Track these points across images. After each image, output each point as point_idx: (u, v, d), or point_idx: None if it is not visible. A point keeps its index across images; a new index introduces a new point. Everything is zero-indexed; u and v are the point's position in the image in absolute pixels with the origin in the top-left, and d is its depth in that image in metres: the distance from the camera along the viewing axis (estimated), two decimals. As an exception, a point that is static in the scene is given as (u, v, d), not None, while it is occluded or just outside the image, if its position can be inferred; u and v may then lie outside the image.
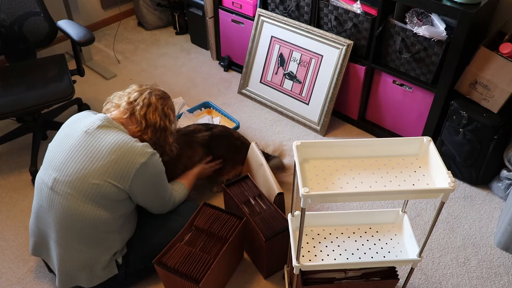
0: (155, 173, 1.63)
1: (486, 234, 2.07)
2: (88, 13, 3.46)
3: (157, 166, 1.63)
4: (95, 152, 1.53)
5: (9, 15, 2.32)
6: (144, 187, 1.61)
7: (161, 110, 1.72)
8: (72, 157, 1.54)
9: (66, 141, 1.59)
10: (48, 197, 1.57)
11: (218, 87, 3.02)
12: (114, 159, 1.52)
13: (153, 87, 1.79)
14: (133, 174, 1.54)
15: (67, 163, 1.54)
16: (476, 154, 2.15)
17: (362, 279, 1.59)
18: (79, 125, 1.61)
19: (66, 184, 1.53)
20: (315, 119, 2.62)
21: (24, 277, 1.88)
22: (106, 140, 1.55)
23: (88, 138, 1.56)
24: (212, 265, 1.59)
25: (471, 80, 2.08)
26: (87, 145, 1.55)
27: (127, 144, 1.55)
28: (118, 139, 1.55)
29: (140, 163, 1.55)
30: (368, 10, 2.30)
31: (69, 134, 1.60)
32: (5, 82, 2.26)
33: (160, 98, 1.75)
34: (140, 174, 1.56)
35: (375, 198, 1.39)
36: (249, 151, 2.16)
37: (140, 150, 1.56)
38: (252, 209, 1.82)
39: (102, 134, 1.56)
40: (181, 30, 3.57)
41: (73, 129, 1.61)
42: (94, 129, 1.57)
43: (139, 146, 1.57)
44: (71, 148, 1.56)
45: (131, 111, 1.68)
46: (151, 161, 1.58)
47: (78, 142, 1.56)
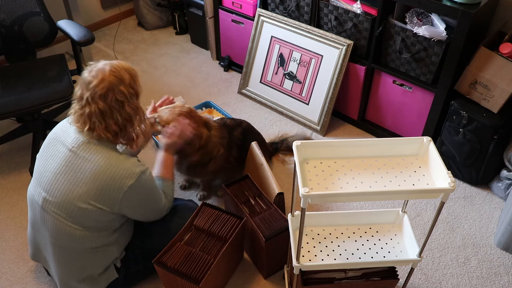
0: (145, 192, 1.55)
1: (486, 234, 2.07)
2: (88, 13, 3.46)
3: (146, 185, 1.54)
4: (81, 175, 1.46)
5: (9, 15, 2.32)
6: (134, 207, 1.56)
7: (115, 105, 1.45)
8: (59, 178, 1.48)
9: (54, 157, 1.52)
10: (40, 215, 1.56)
11: (218, 87, 3.02)
12: (100, 183, 1.45)
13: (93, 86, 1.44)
14: (121, 197, 1.48)
15: (54, 183, 1.49)
16: (476, 154, 2.15)
17: (362, 279, 1.59)
18: (64, 139, 1.51)
19: (55, 205, 1.50)
20: (315, 119, 2.62)
21: (24, 277, 1.88)
22: (91, 162, 1.46)
23: (73, 157, 1.47)
24: (212, 265, 1.59)
25: (471, 80, 2.08)
26: (73, 166, 1.47)
27: (112, 166, 1.46)
28: (103, 160, 1.46)
29: (127, 186, 1.47)
30: (368, 10, 2.30)
31: (55, 150, 1.52)
32: (5, 82, 2.26)
33: (104, 98, 1.43)
34: (129, 197, 1.50)
35: (375, 198, 1.39)
36: (249, 151, 2.16)
37: (127, 172, 1.47)
38: (252, 209, 1.82)
39: (87, 154, 1.47)
40: (181, 30, 3.57)
41: (58, 144, 1.53)
42: (78, 147, 1.47)
43: (126, 166, 1.48)
44: (57, 167, 1.49)
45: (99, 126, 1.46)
46: (139, 182, 1.50)
47: (64, 161, 1.48)
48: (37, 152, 2.30)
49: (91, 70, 1.48)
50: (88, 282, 1.62)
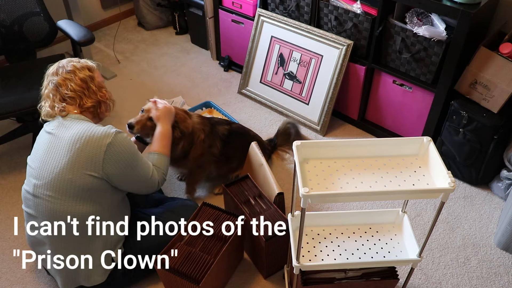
0: (125, 151, 1.58)
1: (486, 234, 2.07)
2: (88, 13, 3.46)
3: (125, 144, 1.58)
4: (61, 148, 1.54)
5: (9, 15, 2.32)
6: (118, 169, 1.57)
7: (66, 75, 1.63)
8: (44, 161, 1.56)
9: (38, 149, 1.61)
10: (33, 204, 1.58)
11: (218, 87, 3.01)
12: (79, 147, 1.52)
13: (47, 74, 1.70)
14: (102, 157, 1.52)
15: (41, 167, 1.56)
16: (476, 154, 2.15)
17: (362, 279, 1.59)
18: (44, 129, 1.64)
19: (45, 187, 1.54)
20: (315, 119, 2.62)
21: (24, 277, 1.88)
22: (68, 133, 1.55)
23: (53, 138, 1.57)
24: (212, 265, 1.59)
25: (471, 80, 2.08)
26: (53, 145, 1.56)
27: (88, 130, 1.54)
28: (78, 129, 1.55)
29: (106, 145, 1.52)
30: (368, 10, 2.30)
31: (39, 142, 1.64)
32: (5, 82, 2.26)
33: (55, 72, 1.66)
34: (110, 156, 1.54)
35: (375, 198, 1.39)
36: (249, 151, 2.16)
37: (103, 133, 1.54)
38: (252, 209, 1.82)
39: (64, 129, 1.57)
40: (181, 30, 3.57)
41: (40, 136, 1.65)
42: (56, 128, 1.58)
43: (101, 129, 1.56)
44: (42, 153, 1.58)
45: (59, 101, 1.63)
46: (117, 140, 1.55)
47: (46, 145, 1.58)
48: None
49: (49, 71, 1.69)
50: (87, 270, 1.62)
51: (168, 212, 1.81)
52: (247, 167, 2.18)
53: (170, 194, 2.24)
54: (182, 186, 2.28)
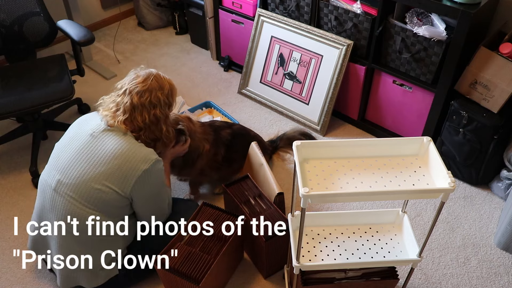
0: (156, 181, 1.60)
1: (486, 234, 2.07)
2: (88, 13, 3.46)
3: (159, 175, 1.60)
4: (99, 157, 1.52)
5: (9, 15, 2.32)
6: (144, 195, 1.59)
7: (147, 105, 1.57)
8: (76, 160, 1.54)
9: (72, 143, 1.58)
10: (51, 198, 1.57)
11: (218, 87, 3.01)
12: (116, 164, 1.51)
13: (135, 82, 1.59)
14: (134, 180, 1.52)
15: (71, 165, 1.54)
16: (476, 154, 2.15)
17: (362, 279, 1.59)
18: (85, 127, 1.60)
19: (69, 187, 1.53)
20: (315, 119, 2.62)
21: (24, 277, 1.88)
22: (110, 145, 1.53)
23: (93, 141, 1.54)
24: (212, 265, 1.59)
25: (471, 80, 2.08)
26: (91, 149, 1.54)
27: (130, 150, 1.53)
28: (122, 144, 1.53)
29: (142, 170, 1.52)
30: (368, 10, 2.30)
31: (75, 136, 1.60)
32: (5, 82, 2.26)
33: (140, 95, 1.57)
34: (142, 181, 1.54)
35: (375, 198, 1.39)
36: (249, 151, 2.16)
37: (143, 157, 1.53)
38: (252, 209, 1.82)
39: (107, 138, 1.54)
40: (181, 30, 3.57)
41: (80, 131, 1.60)
42: (100, 132, 1.55)
43: (143, 152, 1.54)
44: (76, 150, 1.55)
45: (123, 121, 1.57)
46: (153, 169, 1.55)
47: (83, 145, 1.55)
48: (37, 152, 2.32)
49: (140, 70, 1.63)
50: (89, 273, 1.63)
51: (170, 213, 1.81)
52: (247, 167, 2.18)
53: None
54: (182, 186, 2.28)
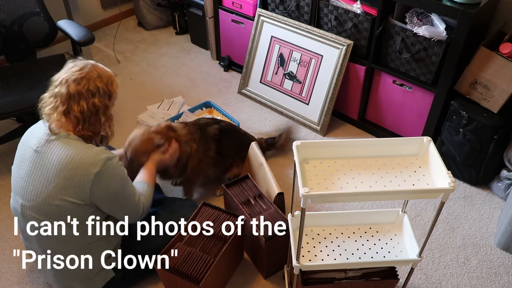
0: (114, 180, 1.51)
1: (486, 234, 2.07)
2: (88, 13, 3.46)
3: (115, 172, 1.50)
4: (48, 172, 1.45)
5: (9, 15, 2.32)
6: (106, 197, 1.51)
7: (85, 93, 1.46)
8: (30, 181, 1.49)
9: (22, 164, 1.53)
10: (23, 222, 1.56)
11: (218, 87, 3.01)
12: (66, 175, 1.43)
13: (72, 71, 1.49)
14: (89, 186, 1.44)
15: (27, 188, 1.49)
16: (476, 154, 2.15)
17: (362, 279, 1.59)
18: (30, 142, 1.52)
19: (32, 209, 1.50)
20: (315, 119, 2.62)
21: (24, 277, 1.88)
22: (55, 156, 1.45)
23: (39, 157, 1.47)
24: (212, 265, 1.59)
25: (471, 80, 2.08)
26: (39, 165, 1.47)
27: (77, 156, 1.44)
28: (67, 152, 1.44)
29: (93, 174, 1.44)
30: (368, 10, 2.30)
31: (23, 155, 1.54)
32: (5, 82, 2.26)
33: (77, 82, 1.46)
34: (97, 185, 1.46)
35: (375, 198, 1.39)
36: (249, 151, 2.16)
37: (91, 159, 1.44)
38: (252, 209, 1.82)
39: (52, 149, 1.46)
40: (181, 30, 3.57)
41: (25, 148, 1.54)
42: (42, 146, 1.47)
43: (90, 154, 1.45)
44: (27, 171, 1.50)
45: (62, 113, 1.48)
46: (106, 168, 1.46)
47: (31, 163, 1.49)
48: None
49: (77, 60, 1.54)
50: (84, 281, 1.62)
51: (168, 213, 1.81)
52: (247, 167, 2.18)
53: (170, 194, 2.24)
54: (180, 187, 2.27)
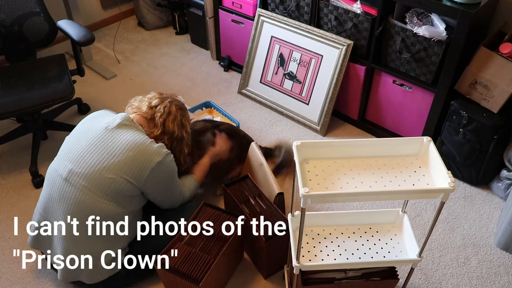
0: (168, 173, 1.70)
1: (486, 234, 2.07)
2: (88, 13, 3.46)
3: (170, 166, 1.70)
4: (113, 148, 1.58)
5: (9, 15, 2.32)
6: (157, 185, 1.67)
7: (179, 121, 1.79)
8: (90, 151, 1.59)
9: (86, 135, 1.64)
10: (60, 188, 1.59)
11: (218, 87, 3.02)
12: (131, 156, 1.58)
13: (173, 97, 1.85)
14: (148, 172, 1.60)
15: (84, 156, 1.58)
16: (476, 154, 2.15)
17: (362, 279, 1.59)
18: (100, 121, 1.67)
19: (82, 177, 1.56)
20: (315, 119, 2.62)
21: (24, 277, 1.88)
22: (124, 137, 1.61)
23: (108, 134, 1.61)
24: (212, 265, 1.59)
25: (471, 80, 2.08)
26: (106, 141, 1.60)
27: (144, 143, 1.61)
28: (136, 138, 1.62)
29: (156, 162, 1.61)
30: (368, 10, 2.30)
31: (89, 129, 1.66)
32: (5, 82, 2.26)
33: (180, 108, 1.81)
34: (155, 173, 1.62)
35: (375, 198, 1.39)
36: (249, 151, 2.16)
37: (156, 150, 1.63)
38: (252, 209, 1.82)
39: (122, 132, 1.62)
40: (181, 30, 3.57)
41: (94, 124, 1.67)
42: (114, 126, 1.63)
43: (156, 145, 1.64)
44: (90, 142, 1.61)
45: (151, 115, 1.75)
46: (165, 161, 1.65)
47: (97, 137, 1.61)
48: (37, 152, 2.32)
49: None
50: (92, 267, 1.63)
51: (170, 212, 1.81)
52: (247, 167, 2.18)
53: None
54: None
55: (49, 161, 1.73)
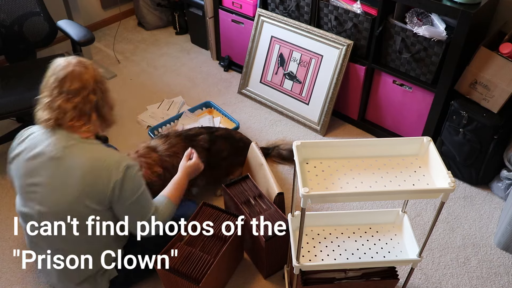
0: (132, 189, 1.50)
1: (486, 234, 2.07)
2: (88, 13, 3.46)
3: (134, 182, 1.49)
4: (70, 178, 1.44)
5: (9, 15, 2.32)
6: (123, 204, 1.51)
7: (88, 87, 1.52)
8: (50, 189, 1.47)
9: (35, 173, 1.48)
10: (36, 232, 1.54)
11: (218, 87, 3.02)
12: (88, 182, 1.44)
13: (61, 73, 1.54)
14: (109, 192, 1.46)
15: (47, 195, 1.48)
16: (476, 154, 2.15)
17: (362, 279, 1.59)
18: (40, 151, 1.47)
19: (51, 215, 1.49)
20: (315, 119, 2.62)
21: (24, 277, 1.88)
22: (77, 163, 1.44)
23: (58, 164, 1.45)
24: (212, 265, 1.59)
25: (471, 80, 2.08)
26: (60, 173, 1.45)
27: (98, 161, 1.45)
28: (88, 158, 1.45)
29: (114, 182, 1.44)
30: (368, 10, 2.30)
31: (34, 165, 1.48)
32: (5, 82, 2.26)
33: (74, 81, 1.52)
34: (116, 192, 1.47)
35: (375, 198, 1.39)
36: (249, 151, 2.16)
37: (113, 167, 1.45)
38: (252, 209, 1.82)
39: (72, 156, 1.45)
40: (181, 30, 3.57)
41: (34, 157, 1.48)
42: (61, 152, 1.45)
43: (113, 160, 1.46)
44: (45, 179, 1.47)
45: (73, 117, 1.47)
46: (126, 177, 1.46)
47: (49, 171, 1.46)
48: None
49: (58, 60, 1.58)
50: (89, 283, 1.62)
51: None
52: (247, 167, 2.18)
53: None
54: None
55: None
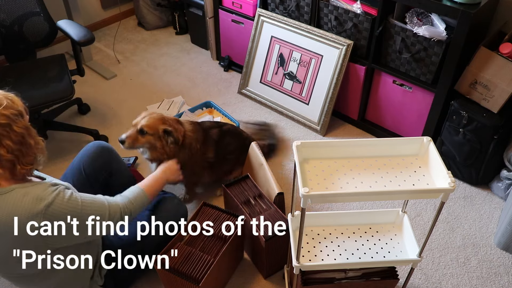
0: (62, 219, 1.34)
1: (486, 234, 2.07)
2: (88, 13, 3.46)
3: (60, 213, 1.33)
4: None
5: (9, 15, 2.32)
6: (60, 235, 1.36)
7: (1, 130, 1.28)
8: None
9: None
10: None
11: (218, 87, 3.01)
12: (17, 236, 1.31)
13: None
14: (41, 240, 1.33)
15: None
16: (476, 154, 2.15)
17: (362, 279, 1.59)
18: None
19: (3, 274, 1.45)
20: (315, 119, 2.62)
21: (24, 277, 1.88)
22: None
23: None
24: (212, 265, 1.59)
25: (471, 80, 2.08)
26: None
27: (16, 209, 1.29)
28: (6, 209, 1.29)
29: (37, 228, 1.30)
30: (368, 10, 2.30)
31: None
32: (5, 82, 2.26)
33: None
34: (46, 233, 1.33)
35: (375, 198, 1.39)
36: (249, 151, 2.16)
37: (32, 212, 1.29)
38: (252, 209, 1.82)
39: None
40: (181, 30, 3.57)
41: None
42: None
43: (28, 206, 1.29)
44: None
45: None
46: (48, 216, 1.31)
47: None
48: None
49: None
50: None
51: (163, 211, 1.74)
52: (247, 167, 2.18)
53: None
54: (178, 187, 2.27)
55: (49, 161, 1.71)
